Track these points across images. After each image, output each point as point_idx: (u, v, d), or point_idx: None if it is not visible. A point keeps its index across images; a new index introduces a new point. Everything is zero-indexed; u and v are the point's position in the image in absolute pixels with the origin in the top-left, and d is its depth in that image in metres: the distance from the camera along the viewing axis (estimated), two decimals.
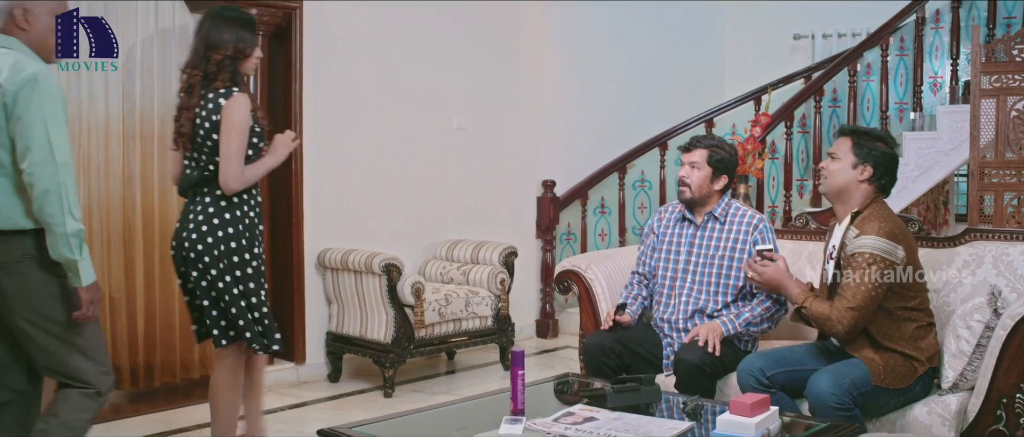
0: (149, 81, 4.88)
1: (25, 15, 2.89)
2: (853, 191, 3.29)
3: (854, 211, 3.28)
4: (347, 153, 5.56)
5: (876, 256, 3.12)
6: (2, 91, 2.79)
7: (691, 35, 7.78)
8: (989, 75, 5.27)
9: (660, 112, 7.19)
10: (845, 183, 3.29)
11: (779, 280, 3.40)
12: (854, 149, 3.29)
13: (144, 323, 4.92)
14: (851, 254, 3.18)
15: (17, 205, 2.87)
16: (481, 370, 5.74)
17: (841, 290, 3.19)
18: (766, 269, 3.41)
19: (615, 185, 6.89)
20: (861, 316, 3.14)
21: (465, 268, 5.78)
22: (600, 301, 4.03)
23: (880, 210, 3.26)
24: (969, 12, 6.59)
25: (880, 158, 3.27)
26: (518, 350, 3.10)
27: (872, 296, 3.12)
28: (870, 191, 3.28)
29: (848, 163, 3.29)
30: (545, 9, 6.69)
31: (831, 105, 7.07)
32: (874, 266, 3.12)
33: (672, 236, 3.83)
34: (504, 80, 6.46)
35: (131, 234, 4.86)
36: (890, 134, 3.46)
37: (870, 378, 3.11)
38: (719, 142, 3.81)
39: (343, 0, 5.47)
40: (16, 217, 2.88)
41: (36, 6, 2.91)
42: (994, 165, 5.31)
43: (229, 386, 3.64)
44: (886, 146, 3.31)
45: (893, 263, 3.14)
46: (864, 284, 3.12)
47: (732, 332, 3.58)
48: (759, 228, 3.71)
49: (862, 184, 3.28)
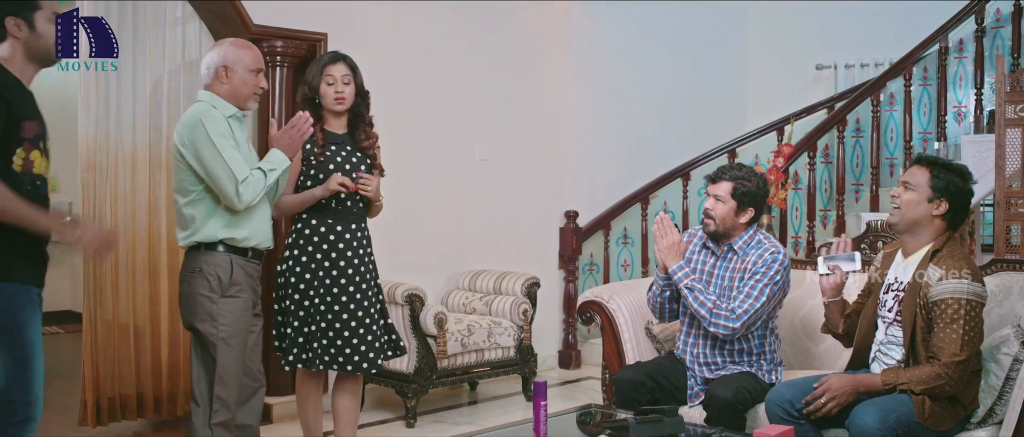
0: (175, 111, 4.94)
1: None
2: (926, 226, 3.18)
3: (932, 249, 3.16)
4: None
5: (972, 302, 3.02)
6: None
7: (713, 65, 7.78)
8: (1014, 104, 5.24)
9: (682, 142, 7.18)
10: (919, 217, 3.18)
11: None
12: (932, 181, 3.16)
13: (168, 352, 4.95)
14: (939, 299, 3.04)
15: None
16: (503, 401, 5.72)
17: (939, 342, 3.02)
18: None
19: (638, 216, 6.88)
20: (970, 362, 3.03)
21: (488, 298, 5.77)
22: (623, 332, 4.02)
23: (959, 249, 3.16)
24: (993, 41, 6.57)
25: (957, 194, 3.16)
26: (540, 381, 3.09)
27: (975, 343, 3.03)
28: (941, 226, 3.19)
29: (924, 196, 3.16)
30: (568, 40, 6.73)
31: (854, 135, 7.05)
32: (972, 313, 3.01)
33: (695, 263, 3.77)
34: (527, 111, 6.49)
35: (156, 263, 4.90)
36: (966, 168, 3.27)
37: (914, 415, 3.02)
38: (746, 173, 3.67)
39: (367, 32, 5.52)
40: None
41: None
42: (1020, 195, 5.26)
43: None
44: (963, 181, 3.18)
45: (982, 304, 3.06)
46: (966, 333, 2.99)
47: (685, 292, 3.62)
48: (764, 259, 3.57)
49: (935, 219, 3.18)
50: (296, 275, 3.69)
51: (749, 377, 3.54)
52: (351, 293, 3.70)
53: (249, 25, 4.95)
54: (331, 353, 3.68)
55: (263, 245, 3.48)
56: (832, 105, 7.05)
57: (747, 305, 3.52)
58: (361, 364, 3.70)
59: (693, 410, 3.56)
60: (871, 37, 7.29)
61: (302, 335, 3.72)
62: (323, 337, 3.68)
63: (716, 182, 3.67)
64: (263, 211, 3.47)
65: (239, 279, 3.37)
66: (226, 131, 3.32)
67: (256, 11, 4.98)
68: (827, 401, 3.11)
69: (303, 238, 3.71)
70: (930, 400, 3.05)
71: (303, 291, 3.69)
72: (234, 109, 3.41)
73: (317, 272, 3.69)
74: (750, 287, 3.54)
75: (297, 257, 3.70)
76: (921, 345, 3.11)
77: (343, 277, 3.70)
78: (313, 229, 3.72)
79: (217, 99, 3.39)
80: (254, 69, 3.42)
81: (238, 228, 3.37)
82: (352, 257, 3.73)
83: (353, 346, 3.69)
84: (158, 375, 4.93)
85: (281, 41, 5.09)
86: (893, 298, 3.24)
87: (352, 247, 3.75)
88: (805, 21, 7.76)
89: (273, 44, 5.09)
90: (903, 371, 3.09)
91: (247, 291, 3.41)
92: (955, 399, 3.08)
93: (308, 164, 3.72)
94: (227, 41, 3.50)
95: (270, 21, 5.05)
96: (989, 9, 6.43)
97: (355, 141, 3.81)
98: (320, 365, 3.70)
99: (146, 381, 4.87)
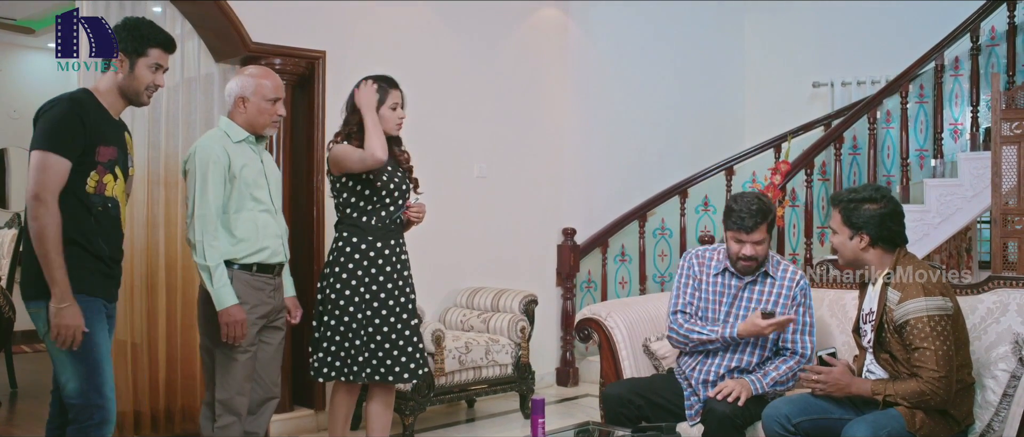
0: (174, 129, 4.95)
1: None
2: (864, 259, 3.26)
3: (886, 274, 3.21)
4: None
5: (933, 317, 3.05)
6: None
7: (711, 83, 7.81)
8: (1010, 122, 5.27)
9: (680, 160, 7.21)
10: (852, 256, 3.27)
11: (846, 382, 3.21)
12: (845, 220, 3.25)
13: (165, 370, 4.95)
14: (904, 323, 3.09)
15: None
16: (501, 418, 5.71)
17: (919, 362, 3.06)
18: (831, 374, 3.22)
19: (635, 233, 6.89)
20: (951, 375, 3.05)
21: (485, 316, 5.77)
22: (620, 349, 4.02)
23: (913, 265, 3.19)
24: (988, 59, 6.60)
25: (871, 221, 3.21)
26: (538, 398, 3.09)
27: (950, 354, 3.05)
28: (881, 252, 3.24)
29: (846, 235, 3.26)
30: (565, 58, 6.75)
31: (851, 152, 7.07)
32: (938, 327, 3.04)
33: (712, 287, 3.71)
34: (525, 128, 6.50)
35: (154, 280, 4.90)
36: (879, 188, 3.31)
37: (906, 430, 3.05)
38: (765, 205, 3.57)
39: (365, 50, 5.54)
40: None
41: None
42: (1017, 212, 5.28)
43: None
44: (876, 205, 3.22)
45: (948, 314, 3.08)
46: (939, 348, 3.03)
47: (760, 391, 3.54)
48: (800, 285, 3.63)
49: (868, 251, 3.24)
50: (336, 291, 3.83)
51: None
52: (391, 307, 3.85)
53: (248, 43, 4.96)
54: (373, 365, 3.82)
55: (272, 260, 3.62)
56: (829, 122, 7.08)
57: (810, 340, 3.63)
58: (402, 374, 3.85)
59: (693, 429, 3.56)
60: (867, 55, 7.33)
61: (343, 349, 3.84)
62: (365, 349, 3.82)
63: (752, 231, 3.55)
64: (271, 229, 3.61)
65: (240, 293, 3.47)
66: (221, 175, 3.48)
67: (255, 29, 5.00)
68: (818, 382, 3.21)
69: (344, 255, 3.85)
70: (922, 413, 3.07)
71: (343, 307, 3.82)
72: (246, 134, 3.61)
73: (358, 288, 3.82)
74: (804, 323, 3.65)
75: (338, 274, 3.83)
76: (903, 364, 3.14)
77: (383, 291, 3.85)
78: (354, 247, 3.85)
79: (232, 125, 3.60)
80: (271, 98, 3.62)
81: (240, 244, 3.52)
82: (391, 272, 3.88)
83: (394, 357, 3.84)
84: (156, 393, 4.92)
85: (280, 58, 5.11)
86: (871, 328, 3.28)
87: (391, 262, 3.90)
88: (802, 39, 7.81)
89: (272, 62, 5.09)
90: (892, 384, 3.13)
91: (252, 304, 3.52)
92: (947, 413, 3.10)
93: (357, 179, 3.84)
94: (249, 69, 3.71)
95: (269, 39, 5.07)
96: (984, 27, 6.46)
97: (394, 158, 4.00)
98: (364, 378, 3.84)
99: (143, 399, 4.86)
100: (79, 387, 2.98)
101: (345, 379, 3.87)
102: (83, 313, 2.97)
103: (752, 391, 3.50)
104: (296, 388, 5.27)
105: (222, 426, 3.52)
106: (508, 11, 6.40)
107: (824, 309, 3.91)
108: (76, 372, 2.98)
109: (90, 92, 3.07)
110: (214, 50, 5.10)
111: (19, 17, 7.94)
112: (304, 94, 5.35)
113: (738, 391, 3.47)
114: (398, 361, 3.84)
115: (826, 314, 3.89)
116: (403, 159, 4.03)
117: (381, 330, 3.82)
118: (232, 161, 3.52)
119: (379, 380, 3.84)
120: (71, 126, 2.95)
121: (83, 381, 2.98)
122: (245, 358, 3.53)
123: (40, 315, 2.99)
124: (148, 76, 3.10)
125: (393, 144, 3.99)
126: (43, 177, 2.91)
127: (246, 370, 3.55)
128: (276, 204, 3.68)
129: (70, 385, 2.98)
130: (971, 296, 3.49)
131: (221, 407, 3.52)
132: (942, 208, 6.09)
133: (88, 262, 3.02)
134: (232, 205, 3.51)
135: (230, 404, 3.52)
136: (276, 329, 3.70)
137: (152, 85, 3.13)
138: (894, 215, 3.24)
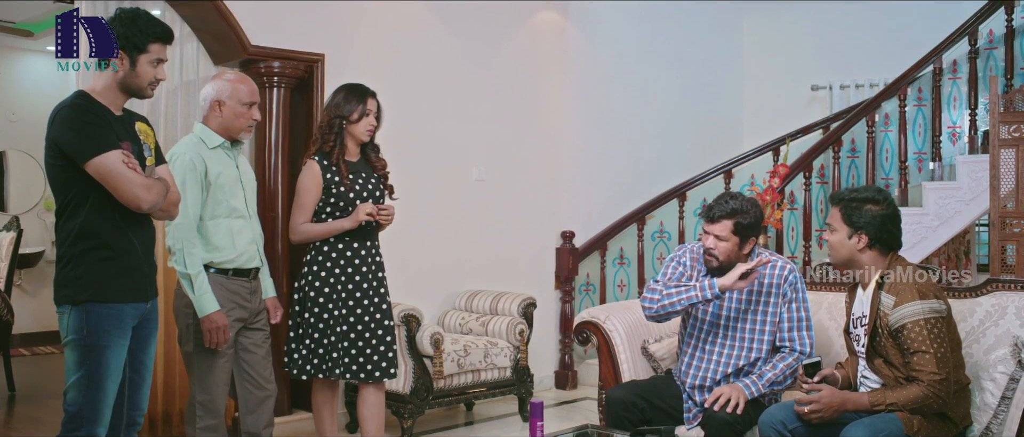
0: (172, 131, 4.95)
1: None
2: (859, 259, 3.25)
3: (880, 277, 3.21)
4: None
5: (929, 319, 3.05)
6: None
7: (710, 87, 7.82)
8: (1008, 125, 5.27)
9: (679, 163, 7.21)
10: (848, 255, 3.27)
11: (839, 402, 3.14)
12: (845, 219, 3.24)
13: (163, 373, 4.95)
14: (900, 327, 3.08)
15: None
16: (500, 421, 5.71)
17: (919, 366, 3.04)
18: (821, 398, 3.14)
19: (634, 236, 6.89)
20: (950, 376, 3.04)
21: (484, 319, 5.77)
22: (619, 352, 4.01)
23: (906, 268, 3.19)
24: (986, 62, 6.61)
25: (872, 222, 3.21)
26: (537, 401, 3.09)
27: (947, 356, 3.05)
28: (877, 254, 3.24)
29: (844, 234, 3.25)
30: (564, 61, 6.76)
31: (850, 155, 7.08)
32: (935, 329, 3.04)
33: (697, 281, 3.67)
34: (524, 131, 6.51)
35: None
36: (881, 190, 3.31)
37: (903, 433, 3.04)
38: (742, 206, 3.56)
39: (364, 53, 5.54)
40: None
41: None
42: (1015, 215, 5.28)
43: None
44: (878, 206, 3.22)
45: (942, 316, 3.08)
46: (937, 350, 3.03)
47: (756, 394, 3.52)
48: (789, 280, 3.59)
49: (864, 252, 3.24)
50: (315, 289, 3.95)
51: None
52: (366, 305, 3.94)
53: (247, 46, 4.96)
54: (360, 362, 3.91)
55: (248, 265, 3.70)
56: (827, 125, 7.08)
57: (808, 336, 3.61)
58: (373, 372, 3.92)
59: (691, 432, 3.56)
60: (866, 58, 7.34)
61: (322, 347, 3.94)
62: (341, 346, 3.90)
63: (714, 222, 3.57)
64: (245, 235, 3.68)
65: (216, 295, 3.53)
66: (198, 183, 3.53)
67: (254, 32, 5.00)
68: (812, 411, 3.13)
69: (322, 254, 3.96)
70: (920, 416, 3.07)
71: (322, 304, 3.93)
72: (222, 139, 3.66)
73: (334, 285, 3.94)
74: (798, 318, 3.60)
75: (316, 273, 3.96)
76: (899, 369, 3.14)
77: (358, 290, 3.94)
78: (331, 246, 3.97)
79: (207, 131, 3.66)
80: (247, 102, 3.67)
81: (215, 252, 3.60)
82: (367, 272, 4.00)
83: (366, 356, 3.92)
84: (154, 395, 4.89)
85: (278, 62, 5.11)
86: (864, 332, 3.27)
87: (367, 262, 4.01)
88: (801, 42, 7.82)
89: (270, 65, 5.10)
90: (890, 392, 3.12)
91: (228, 307, 3.58)
92: (945, 416, 3.10)
93: (329, 193, 3.93)
94: (224, 74, 3.75)
95: (267, 42, 5.07)
96: (982, 30, 6.48)
97: (370, 165, 4.08)
98: (338, 374, 3.92)
99: None
100: (77, 398, 2.96)
101: (323, 376, 3.97)
102: (102, 327, 2.94)
103: (748, 395, 3.50)
104: (294, 392, 5.27)
105: (204, 427, 3.61)
106: (507, 14, 6.41)
107: (823, 312, 3.91)
108: (78, 382, 2.96)
109: (86, 94, 3.03)
110: (213, 53, 5.10)
111: (18, 20, 7.93)
112: (303, 97, 5.35)
113: (735, 398, 3.46)
114: (371, 359, 3.93)
115: (825, 317, 3.89)
116: (379, 165, 4.12)
117: (355, 328, 3.93)
118: (208, 168, 3.57)
119: (351, 378, 3.94)
120: (90, 122, 2.91)
121: (82, 394, 2.96)
122: (223, 361, 3.61)
123: (62, 319, 2.98)
124: (150, 72, 3.08)
125: (369, 150, 4.09)
126: (119, 181, 2.89)
127: (225, 372, 3.63)
128: (251, 209, 3.75)
129: (70, 393, 2.98)
130: (969, 299, 3.48)
131: (202, 408, 3.61)
132: (940, 211, 6.09)
133: (111, 266, 2.97)
134: (207, 212, 3.57)
135: (211, 405, 3.61)
136: (258, 330, 3.77)
137: (154, 80, 3.12)
138: (894, 218, 3.26)
